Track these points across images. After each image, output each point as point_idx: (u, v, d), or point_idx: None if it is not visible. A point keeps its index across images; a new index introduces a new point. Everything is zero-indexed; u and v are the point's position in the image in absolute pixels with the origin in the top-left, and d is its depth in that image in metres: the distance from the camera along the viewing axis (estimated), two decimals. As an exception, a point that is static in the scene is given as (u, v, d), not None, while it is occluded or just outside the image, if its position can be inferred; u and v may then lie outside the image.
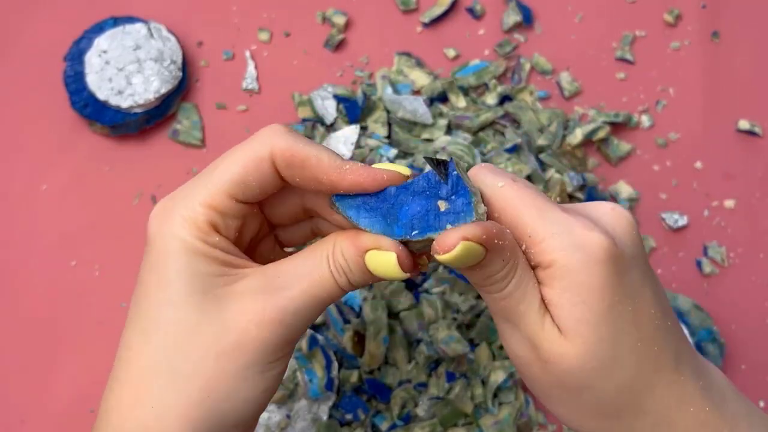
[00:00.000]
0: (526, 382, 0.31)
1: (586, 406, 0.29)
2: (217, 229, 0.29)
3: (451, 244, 0.26)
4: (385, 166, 0.29)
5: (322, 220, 0.33)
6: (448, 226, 0.27)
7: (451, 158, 0.28)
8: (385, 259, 0.28)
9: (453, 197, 0.28)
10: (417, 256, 0.29)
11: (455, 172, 0.28)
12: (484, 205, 0.28)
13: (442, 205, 0.28)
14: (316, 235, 0.34)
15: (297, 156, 0.28)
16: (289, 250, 0.35)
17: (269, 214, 0.32)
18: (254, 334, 0.27)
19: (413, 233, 0.28)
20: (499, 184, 0.28)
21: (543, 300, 0.28)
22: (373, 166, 0.29)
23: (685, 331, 0.47)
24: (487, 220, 0.28)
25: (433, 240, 0.27)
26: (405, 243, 0.28)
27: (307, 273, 0.28)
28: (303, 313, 0.28)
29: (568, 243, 0.27)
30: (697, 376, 0.29)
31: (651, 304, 0.28)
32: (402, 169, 0.29)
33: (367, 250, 0.28)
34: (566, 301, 0.27)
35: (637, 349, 0.28)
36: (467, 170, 0.29)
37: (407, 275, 0.28)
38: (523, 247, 0.28)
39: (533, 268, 0.29)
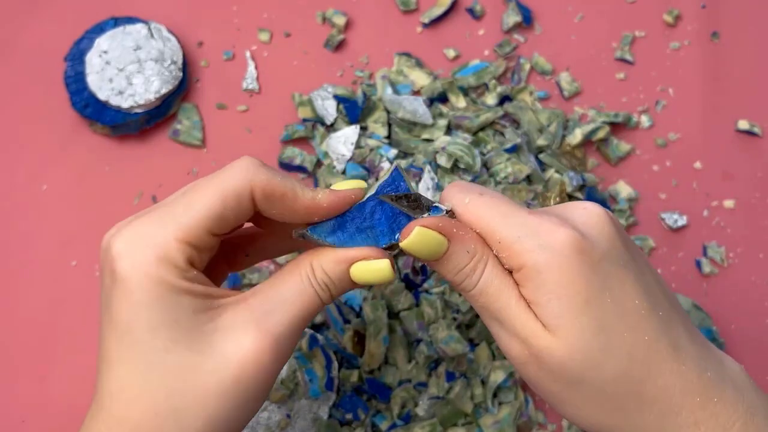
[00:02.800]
0: (527, 382, 0.31)
1: (588, 401, 0.29)
2: (192, 264, 0.29)
3: (408, 231, 0.29)
4: (343, 185, 0.31)
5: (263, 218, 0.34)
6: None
7: (396, 167, 0.31)
8: (376, 266, 0.30)
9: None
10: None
11: (403, 184, 0.31)
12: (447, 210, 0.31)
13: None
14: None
15: (276, 190, 0.29)
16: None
17: None
18: (252, 369, 0.28)
19: (396, 236, 0.30)
20: (465, 201, 0.30)
21: (525, 299, 0.29)
22: (331, 187, 0.31)
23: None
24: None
25: None
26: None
27: (293, 298, 0.29)
28: (294, 337, 0.30)
29: (533, 244, 0.28)
30: (702, 366, 0.29)
31: (634, 295, 0.29)
32: (359, 183, 0.31)
33: (353, 262, 0.30)
34: (542, 298, 0.28)
35: (625, 339, 0.28)
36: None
37: (395, 276, 0.31)
38: (496, 253, 0.30)
39: (511, 272, 0.30)
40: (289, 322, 0.29)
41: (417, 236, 0.29)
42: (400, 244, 0.30)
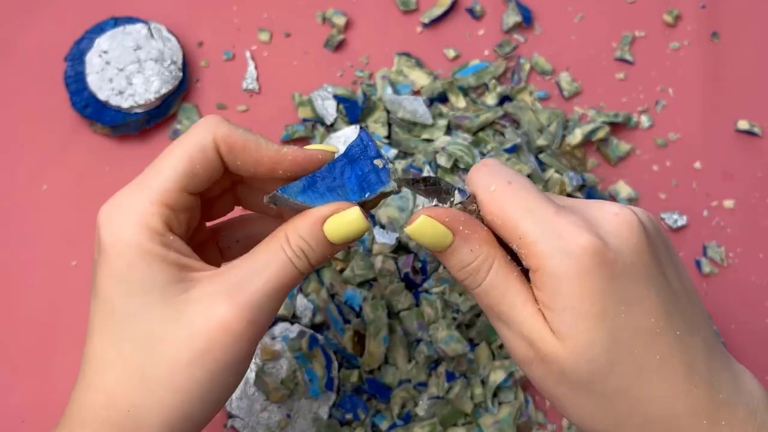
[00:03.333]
0: (533, 382, 0.31)
1: (590, 409, 0.29)
2: (171, 227, 0.29)
3: (415, 217, 0.29)
4: (315, 147, 0.31)
5: (243, 186, 0.35)
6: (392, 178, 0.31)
7: (361, 130, 0.31)
8: (348, 217, 0.29)
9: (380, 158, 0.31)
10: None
11: (370, 142, 0.31)
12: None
13: (379, 163, 0.31)
14: (238, 205, 0.36)
15: (238, 141, 0.30)
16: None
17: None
18: (222, 340, 0.28)
19: (367, 195, 0.30)
20: (491, 188, 0.29)
21: (536, 301, 0.29)
22: (304, 148, 0.31)
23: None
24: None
25: (384, 193, 0.30)
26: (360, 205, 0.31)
27: (265, 266, 0.29)
28: (267, 307, 0.29)
29: (555, 248, 0.27)
30: (716, 387, 0.29)
31: (651, 313, 0.28)
32: (330, 147, 0.32)
33: (325, 220, 0.29)
34: (557, 305, 0.28)
35: (635, 356, 0.28)
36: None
37: (369, 225, 0.30)
38: (515, 248, 0.29)
39: (528, 270, 0.29)
40: (260, 292, 0.28)
41: (421, 225, 0.29)
42: (405, 230, 0.30)
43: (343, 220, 0.29)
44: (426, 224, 0.29)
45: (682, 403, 0.28)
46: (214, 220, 0.36)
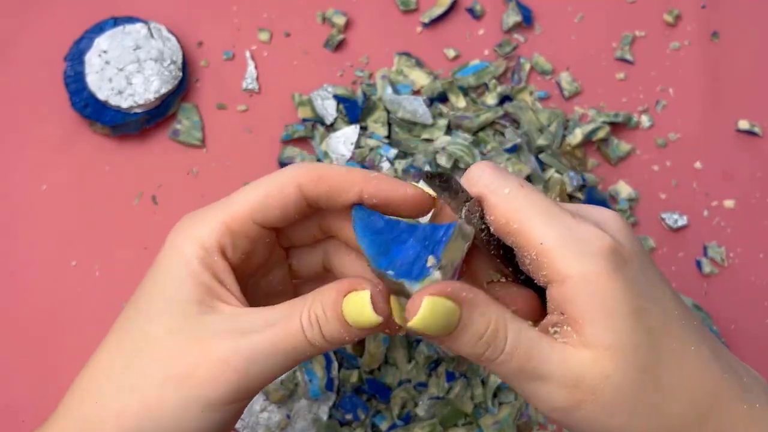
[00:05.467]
0: (574, 429, 0.28)
1: (649, 423, 0.27)
2: (223, 249, 0.29)
3: (417, 304, 0.25)
4: (417, 186, 0.29)
5: (335, 244, 0.33)
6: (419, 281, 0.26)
7: (454, 223, 0.27)
8: (358, 299, 0.26)
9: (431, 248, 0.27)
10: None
11: (444, 238, 0.27)
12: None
13: (430, 262, 0.27)
14: (325, 268, 0.34)
15: (323, 170, 0.29)
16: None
17: (284, 232, 0.33)
18: (202, 372, 0.27)
19: (389, 272, 0.27)
20: (505, 191, 0.27)
21: (554, 326, 0.27)
22: (410, 183, 0.30)
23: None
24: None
25: (405, 289, 0.26)
26: (382, 278, 0.27)
27: (274, 322, 0.27)
28: (262, 363, 0.27)
29: (581, 251, 0.26)
30: (738, 373, 0.28)
31: (672, 304, 0.28)
32: (430, 192, 0.29)
33: (346, 294, 0.27)
34: (595, 313, 0.26)
35: (673, 350, 0.27)
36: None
37: (380, 319, 0.26)
38: (533, 255, 0.27)
39: (546, 285, 0.27)
40: (258, 344, 0.27)
41: (429, 309, 0.25)
42: (409, 324, 0.25)
43: (355, 299, 0.26)
44: (434, 305, 0.25)
45: (722, 389, 0.27)
46: (302, 278, 0.35)
